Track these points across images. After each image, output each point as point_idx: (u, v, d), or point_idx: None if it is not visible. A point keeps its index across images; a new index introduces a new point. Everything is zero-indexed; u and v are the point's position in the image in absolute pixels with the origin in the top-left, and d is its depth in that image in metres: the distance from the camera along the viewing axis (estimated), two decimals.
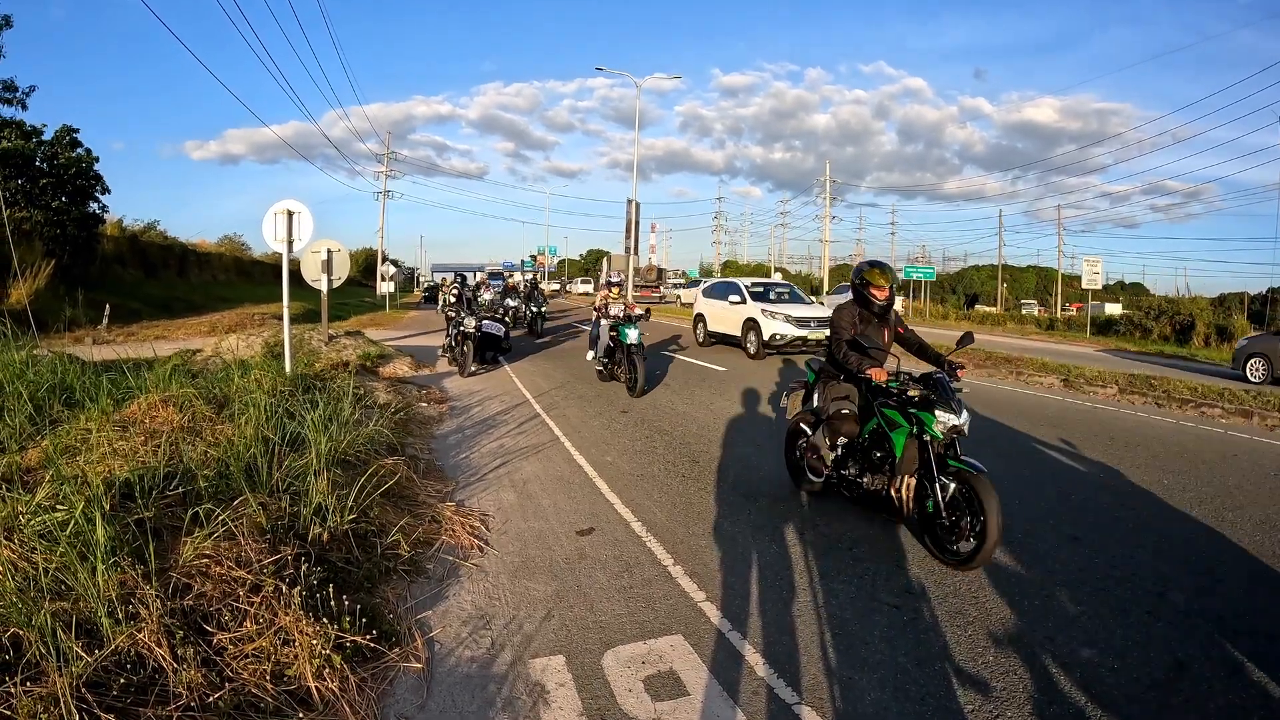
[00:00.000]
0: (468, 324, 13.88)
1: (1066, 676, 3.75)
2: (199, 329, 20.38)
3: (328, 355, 13.49)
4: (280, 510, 4.73)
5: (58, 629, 3.17)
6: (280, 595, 3.72)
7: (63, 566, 3.61)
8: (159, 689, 3.08)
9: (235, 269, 48.84)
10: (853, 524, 5.89)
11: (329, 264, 13.02)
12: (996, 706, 3.49)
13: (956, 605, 4.53)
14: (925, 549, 5.37)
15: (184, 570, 3.89)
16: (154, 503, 4.52)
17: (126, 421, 6.20)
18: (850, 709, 3.44)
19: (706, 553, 5.31)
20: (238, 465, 5.21)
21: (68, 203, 25.07)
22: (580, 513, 6.15)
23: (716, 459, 7.92)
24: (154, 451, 5.42)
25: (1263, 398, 11.90)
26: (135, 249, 35.05)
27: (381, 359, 14.25)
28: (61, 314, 16.65)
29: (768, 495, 6.62)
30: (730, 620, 4.28)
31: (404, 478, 6.18)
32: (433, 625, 4.13)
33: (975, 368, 15.83)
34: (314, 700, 3.23)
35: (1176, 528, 6.00)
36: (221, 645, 3.42)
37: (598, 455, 8.02)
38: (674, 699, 3.49)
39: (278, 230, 10.35)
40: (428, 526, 5.39)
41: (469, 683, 3.60)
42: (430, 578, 4.75)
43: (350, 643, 3.55)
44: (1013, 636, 4.16)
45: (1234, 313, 31.74)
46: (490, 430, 9.16)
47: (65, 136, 25.63)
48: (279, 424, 6.31)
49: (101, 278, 27.21)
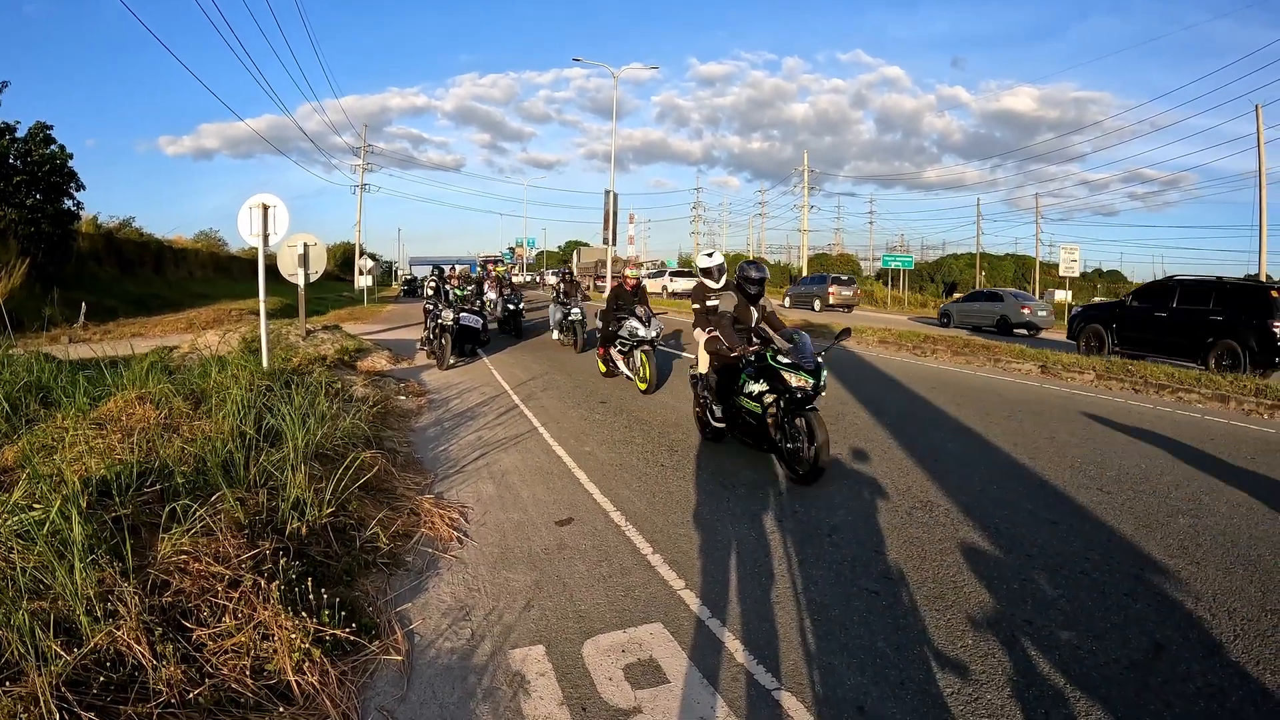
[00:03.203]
0: (445, 317, 13.85)
1: (1045, 658, 3.79)
2: (176, 326, 20.21)
3: (305, 350, 13.41)
4: (258, 505, 4.70)
5: (36, 628, 3.15)
6: (259, 590, 3.72)
7: (40, 565, 3.59)
8: (139, 686, 3.08)
9: (212, 265, 48.40)
10: (831, 511, 5.94)
11: (305, 258, 13.00)
12: (975, 689, 3.53)
13: (935, 590, 4.57)
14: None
15: (162, 567, 3.87)
16: (131, 500, 4.49)
17: (103, 419, 6.16)
18: (830, 693, 3.47)
19: (685, 541, 5.34)
20: (215, 461, 5.18)
21: (42, 200, 24.72)
22: (559, 503, 6.17)
23: (694, 448, 7.95)
24: (131, 449, 5.39)
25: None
26: (111, 246, 34.63)
27: (359, 353, 14.19)
28: (37, 313, 16.49)
29: (745, 483, 6.66)
30: (710, 607, 4.30)
31: (382, 471, 6.17)
32: (412, 617, 4.13)
33: (954, 355, 15.95)
34: (294, 694, 3.23)
35: (1156, 507, 6.08)
36: (201, 641, 3.42)
37: (576, 446, 8.04)
38: (654, 687, 3.51)
39: (253, 225, 10.31)
40: (406, 519, 5.39)
41: (449, 674, 3.61)
42: (410, 570, 4.75)
43: (330, 636, 3.55)
44: (991, 620, 4.20)
45: None
46: (469, 422, 9.16)
47: (39, 133, 25.25)
48: (256, 419, 6.28)
49: (77, 276, 26.90)
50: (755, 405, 7.07)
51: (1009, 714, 3.34)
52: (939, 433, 8.81)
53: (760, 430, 7.07)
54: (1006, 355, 15.56)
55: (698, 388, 8.46)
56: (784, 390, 6.74)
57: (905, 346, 17.93)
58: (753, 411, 7.11)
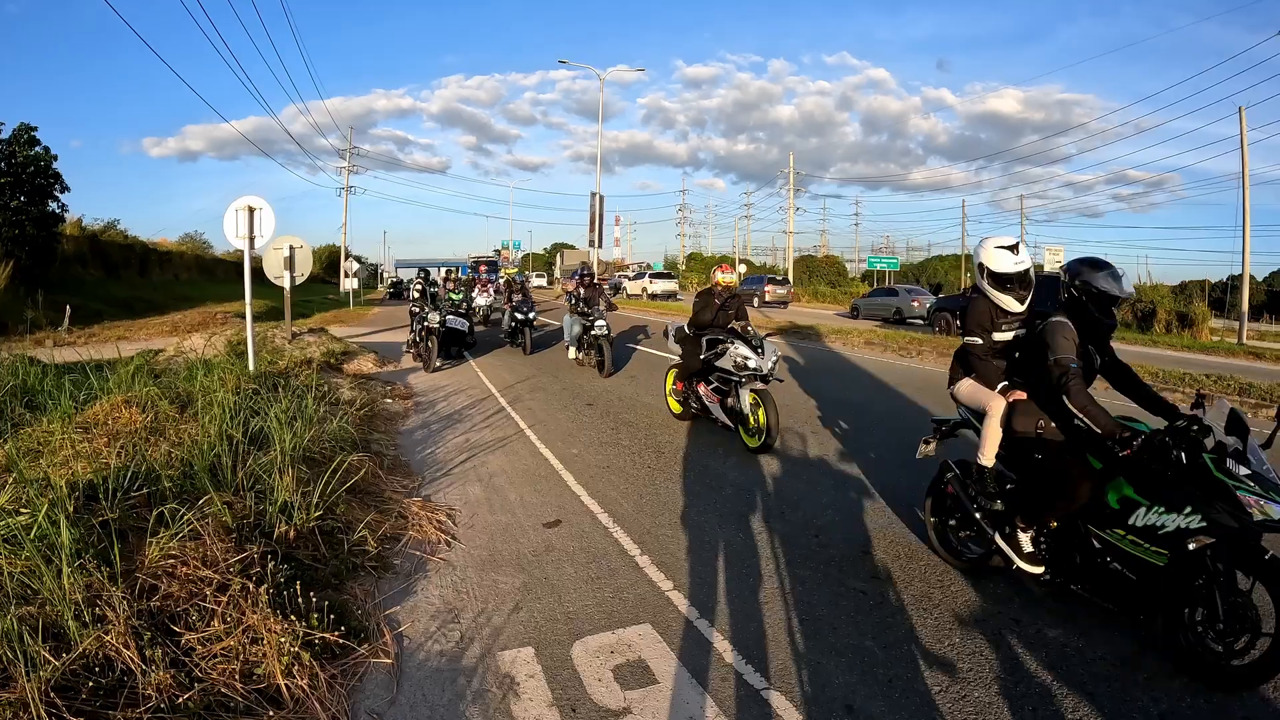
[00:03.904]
0: (432, 319, 13.84)
1: (1032, 656, 3.83)
2: (161, 329, 20.12)
3: (291, 353, 13.35)
4: (246, 509, 4.70)
5: (24, 633, 3.13)
6: (247, 594, 3.71)
7: (28, 570, 3.57)
8: (128, 691, 3.06)
9: (197, 267, 48.24)
10: (818, 510, 5.97)
11: (291, 261, 12.90)
12: (963, 687, 3.56)
13: (922, 589, 4.61)
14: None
15: (150, 571, 3.86)
16: (118, 504, 4.47)
17: (89, 423, 6.13)
18: (818, 692, 3.50)
19: (673, 542, 5.36)
20: (202, 464, 5.17)
21: (26, 202, 24.63)
22: (547, 505, 6.17)
23: (681, 449, 7.98)
24: (118, 453, 5.37)
25: None
26: (96, 249, 34.48)
27: (346, 356, 14.13)
28: (22, 316, 16.40)
29: (733, 484, 6.68)
30: (698, 608, 4.32)
31: (370, 474, 6.17)
32: (401, 620, 4.13)
33: (938, 355, 16.00)
34: (284, 698, 3.23)
35: None
36: (190, 645, 3.41)
37: (564, 448, 8.03)
38: (643, 687, 3.52)
39: (239, 227, 10.25)
40: (394, 522, 5.38)
41: (439, 677, 3.61)
42: (398, 573, 4.75)
43: (319, 640, 3.55)
44: (978, 618, 4.24)
45: (1195, 300, 32.12)
46: (456, 425, 9.15)
47: (23, 134, 25.13)
48: (243, 422, 6.26)
49: (62, 278, 26.74)
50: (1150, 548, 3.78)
51: (996, 711, 3.37)
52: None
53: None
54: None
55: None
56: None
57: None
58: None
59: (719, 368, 8.47)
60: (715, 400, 8.59)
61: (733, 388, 8.30)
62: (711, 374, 8.69)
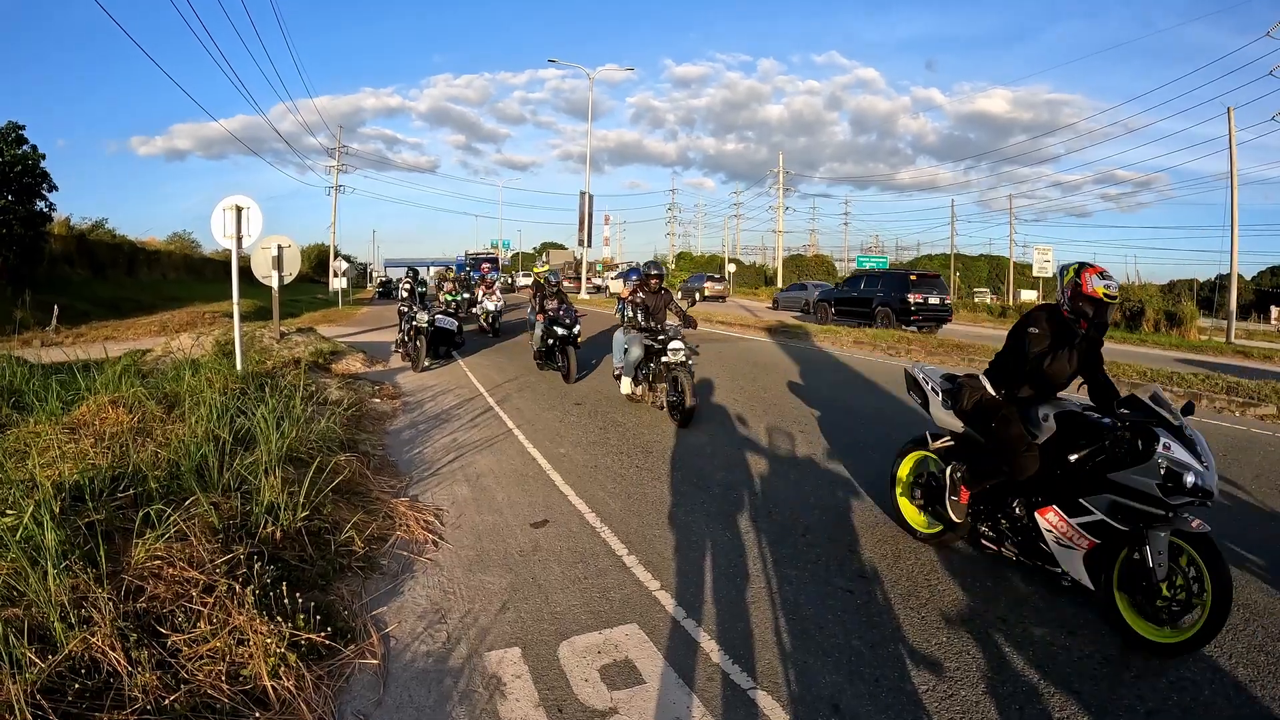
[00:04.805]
0: (420, 319, 13.78)
1: (1019, 655, 3.86)
2: (149, 329, 20.06)
3: (279, 353, 13.30)
4: (232, 509, 4.69)
5: (9, 635, 3.12)
6: (234, 595, 3.70)
7: (13, 572, 3.56)
8: (114, 693, 3.06)
9: (185, 267, 48.06)
10: (805, 510, 5.98)
11: (279, 260, 12.87)
12: (950, 686, 3.58)
13: (909, 588, 4.63)
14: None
15: (136, 572, 3.85)
16: (105, 505, 4.46)
17: (76, 424, 6.12)
18: (805, 692, 3.51)
19: (661, 542, 5.36)
20: (189, 465, 5.16)
21: (14, 201, 24.49)
22: (534, 505, 6.16)
23: (669, 450, 7.97)
24: (104, 453, 5.36)
25: None
26: (83, 248, 34.34)
27: (334, 355, 14.07)
28: (9, 316, 16.33)
29: (720, 483, 6.69)
30: (685, 608, 4.33)
31: (357, 474, 6.15)
32: (388, 621, 4.13)
33: (928, 355, 16.02)
34: (270, 699, 3.23)
35: None
36: (176, 647, 3.40)
37: (551, 448, 8.02)
38: (630, 687, 3.53)
39: (226, 226, 10.21)
40: (381, 523, 5.37)
41: (425, 677, 3.61)
42: (385, 574, 4.74)
43: (305, 641, 3.55)
44: (965, 617, 4.26)
45: (1183, 299, 32.29)
46: (444, 425, 9.13)
47: (11, 133, 25.02)
48: (230, 423, 6.25)
49: (49, 278, 26.66)
50: None
51: (983, 710, 3.40)
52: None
53: None
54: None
55: None
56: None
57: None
58: None
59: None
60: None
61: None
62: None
